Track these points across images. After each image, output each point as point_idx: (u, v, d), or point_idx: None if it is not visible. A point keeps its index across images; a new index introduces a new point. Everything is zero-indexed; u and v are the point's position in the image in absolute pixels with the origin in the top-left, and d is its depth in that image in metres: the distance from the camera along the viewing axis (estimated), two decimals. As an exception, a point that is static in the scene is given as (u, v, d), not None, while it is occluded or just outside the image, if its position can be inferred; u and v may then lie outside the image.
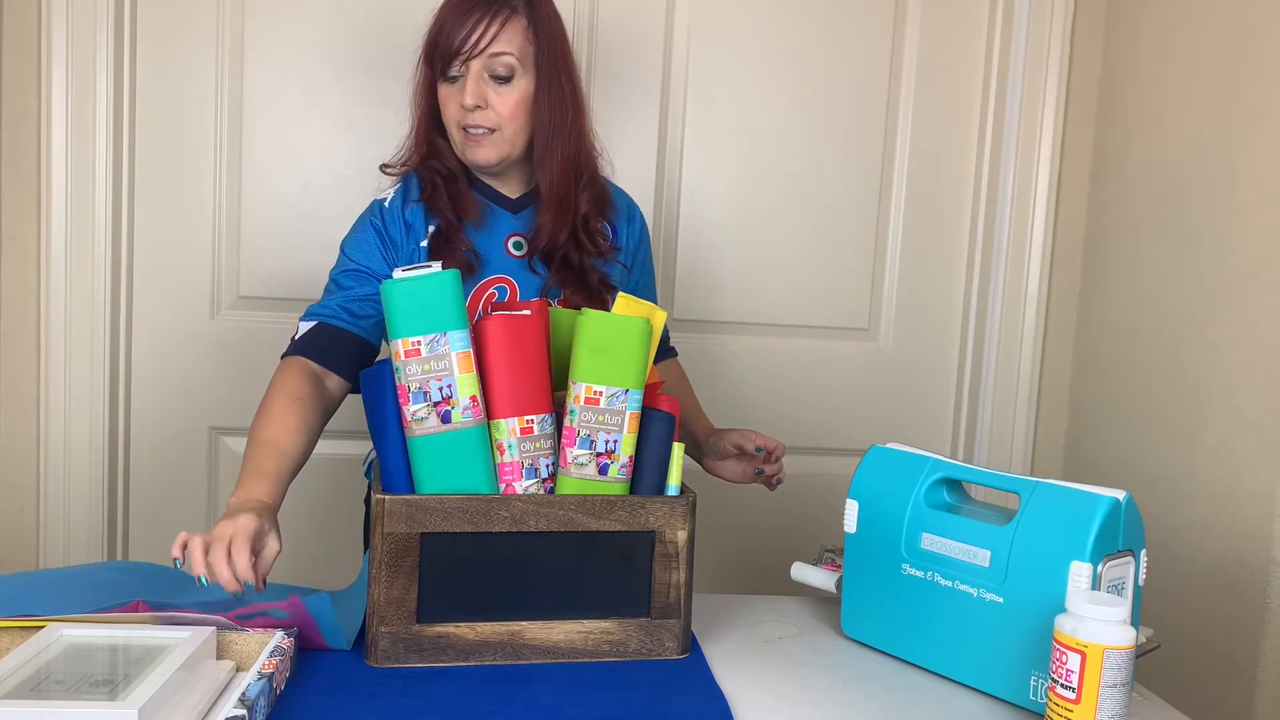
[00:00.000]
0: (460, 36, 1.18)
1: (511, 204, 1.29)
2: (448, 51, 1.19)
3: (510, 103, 1.20)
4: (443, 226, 1.24)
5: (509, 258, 1.27)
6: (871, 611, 1.13)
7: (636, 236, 1.37)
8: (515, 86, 1.20)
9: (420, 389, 0.99)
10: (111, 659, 0.87)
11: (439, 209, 1.25)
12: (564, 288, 1.26)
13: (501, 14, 1.18)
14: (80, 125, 1.65)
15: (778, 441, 1.27)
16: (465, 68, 1.19)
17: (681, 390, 1.43)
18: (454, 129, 1.23)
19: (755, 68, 1.82)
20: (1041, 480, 1.02)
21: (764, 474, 1.28)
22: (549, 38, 1.22)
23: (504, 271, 1.27)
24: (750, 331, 1.88)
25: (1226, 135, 1.50)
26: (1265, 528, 1.38)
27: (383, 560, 0.99)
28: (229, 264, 1.73)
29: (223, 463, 1.77)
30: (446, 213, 1.24)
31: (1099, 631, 0.85)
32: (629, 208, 1.38)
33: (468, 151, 1.23)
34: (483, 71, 1.19)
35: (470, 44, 1.18)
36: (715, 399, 1.72)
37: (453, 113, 1.22)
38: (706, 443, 1.32)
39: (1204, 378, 1.52)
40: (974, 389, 1.94)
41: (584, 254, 1.26)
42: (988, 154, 1.89)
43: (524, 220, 1.29)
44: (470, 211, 1.25)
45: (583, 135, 1.27)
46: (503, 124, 1.21)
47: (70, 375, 1.68)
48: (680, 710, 0.94)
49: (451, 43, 1.18)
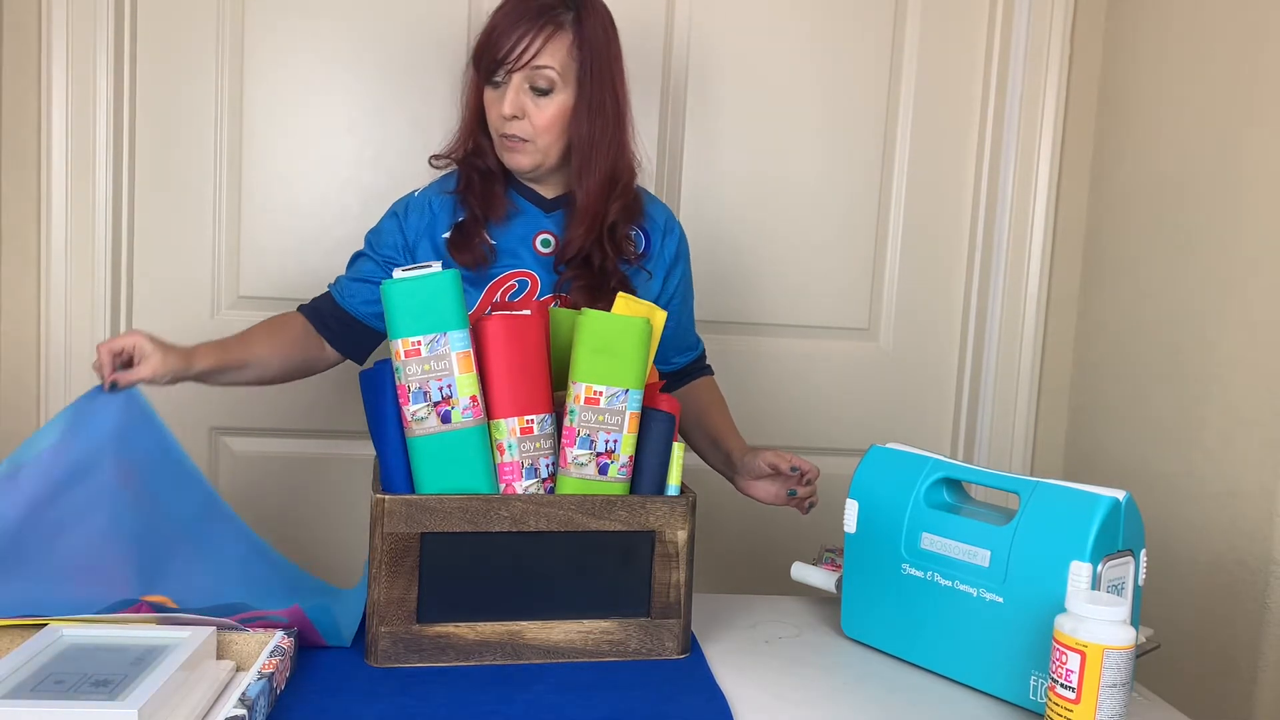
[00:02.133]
0: (505, 47, 1.19)
1: (545, 203, 1.31)
2: (492, 59, 1.21)
3: (546, 116, 1.22)
4: (466, 220, 1.27)
5: (536, 254, 1.29)
6: (871, 611, 1.13)
7: (673, 251, 1.37)
8: (554, 100, 1.22)
9: (420, 389, 0.99)
10: (111, 659, 0.87)
11: (468, 202, 1.28)
12: (576, 281, 1.26)
13: (547, 28, 1.19)
14: (80, 125, 1.65)
15: (812, 464, 1.25)
16: (508, 77, 1.21)
17: (717, 410, 1.42)
18: (494, 133, 1.26)
19: (755, 67, 1.82)
20: (1041, 480, 1.02)
21: (796, 495, 1.26)
22: (595, 53, 1.23)
23: (528, 266, 1.28)
24: (750, 331, 1.88)
25: (1226, 135, 1.50)
26: (1265, 528, 1.38)
27: (383, 560, 0.99)
28: (229, 264, 1.73)
29: (223, 463, 1.77)
30: (474, 207, 1.27)
31: (1099, 631, 0.85)
32: (668, 222, 1.37)
33: (504, 156, 1.26)
34: (523, 82, 1.21)
35: (514, 56, 1.19)
36: (715, 399, 1.72)
37: (493, 118, 1.25)
38: (741, 461, 1.30)
39: (1204, 378, 1.52)
40: (974, 389, 1.94)
41: (606, 258, 1.27)
42: (987, 154, 1.89)
43: (555, 220, 1.30)
44: (496, 211, 1.28)
45: (623, 148, 1.28)
46: (537, 135, 1.23)
47: (70, 375, 1.68)
48: (680, 710, 0.95)
49: (497, 51, 1.20)
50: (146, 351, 1.15)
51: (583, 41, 1.22)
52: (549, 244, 1.29)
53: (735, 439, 1.36)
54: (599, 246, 1.27)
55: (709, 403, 1.42)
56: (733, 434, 1.38)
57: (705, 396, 1.43)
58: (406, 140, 1.74)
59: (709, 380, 1.48)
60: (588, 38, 1.22)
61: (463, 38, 1.73)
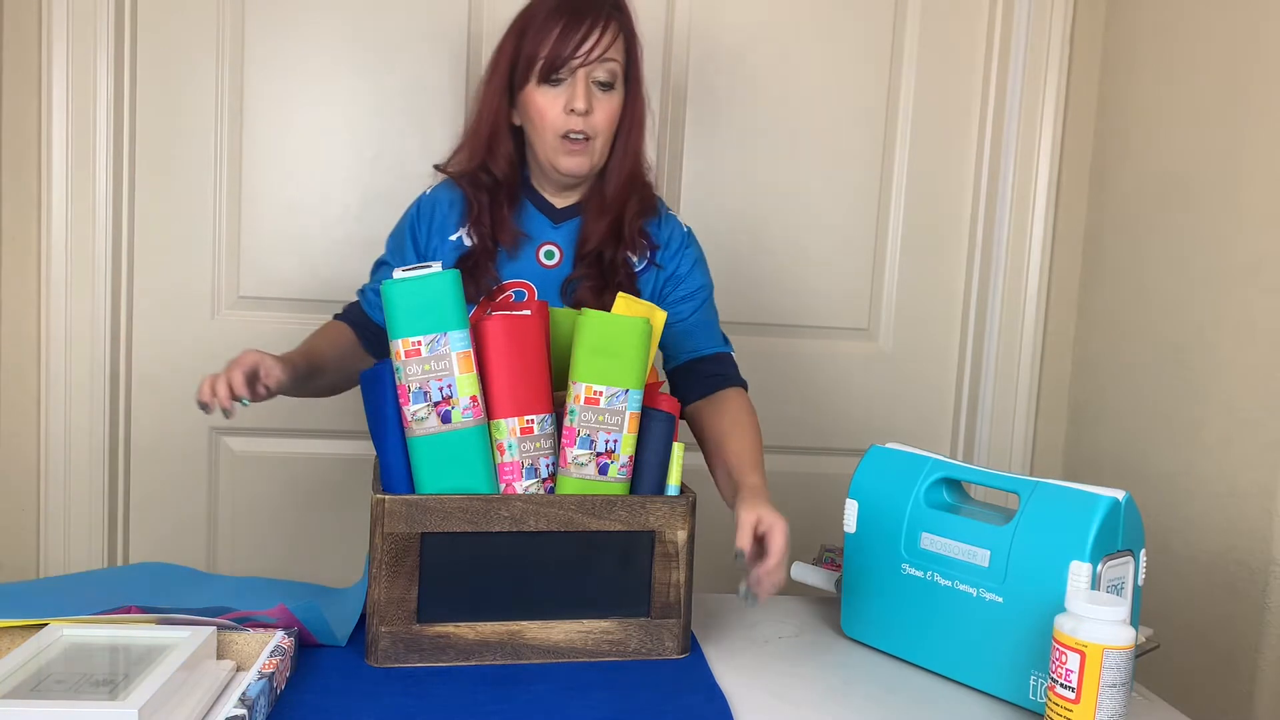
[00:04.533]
0: (574, 41, 1.18)
1: (555, 214, 1.29)
2: (557, 56, 1.18)
3: (609, 111, 1.22)
4: (475, 250, 1.25)
5: (538, 266, 1.28)
6: (871, 611, 1.13)
7: (691, 260, 1.32)
8: (614, 95, 1.23)
9: (420, 389, 0.99)
10: (111, 659, 0.87)
11: (479, 233, 1.26)
12: (585, 281, 1.25)
13: (612, 24, 1.21)
14: (80, 125, 1.65)
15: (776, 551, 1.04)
16: (573, 74, 1.20)
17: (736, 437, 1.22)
18: (549, 135, 1.21)
19: (755, 67, 1.82)
20: (1041, 480, 1.02)
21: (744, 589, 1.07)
22: (635, 49, 1.25)
23: (527, 277, 1.27)
24: (750, 331, 1.87)
25: (1226, 135, 1.50)
26: (1265, 527, 1.38)
27: (383, 560, 0.99)
28: (229, 264, 1.73)
29: (223, 463, 1.77)
30: (485, 238, 1.25)
31: (1098, 631, 0.85)
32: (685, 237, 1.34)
33: (561, 160, 1.22)
34: (588, 77, 1.20)
35: (584, 49, 1.18)
36: (715, 399, 1.72)
37: (553, 118, 1.20)
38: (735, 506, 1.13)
39: (1204, 377, 1.52)
40: (974, 389, 1.94)
41: (619, 250, 1.26)
42: (987, 154, 1.89)
43: (563, 232, 1.29)
44: (508, 240, 1.26)
45: (643, 145, 1.29)
46: (598, 132, 1.22)
47: (70, 375, 1.68)
48: (680, 710, 0.95)
49: (564, 47, 1.18)
50: (269, 363, 1.11)
51: (629, 38, 1.24)
52: (552, 256, 1.28)
53: (748, 473, 1.16)
54: (612, 241, 1.26)
55: (730, 427, 1.23)
56: (746, 468, 1.17)
57: (730, 415, 1.25)
58: (406, 140, 1.74)
59: (739, 395, 1.29)
60: (632, 34, 1.24)
61: (463, 38, 1.73)
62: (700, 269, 1.34)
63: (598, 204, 1.28)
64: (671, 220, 1.34)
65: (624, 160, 1.27)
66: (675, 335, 1.30)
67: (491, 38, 1.74)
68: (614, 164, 1.27)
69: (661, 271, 1.30)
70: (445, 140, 1.74)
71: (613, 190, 1.27)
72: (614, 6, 1.22)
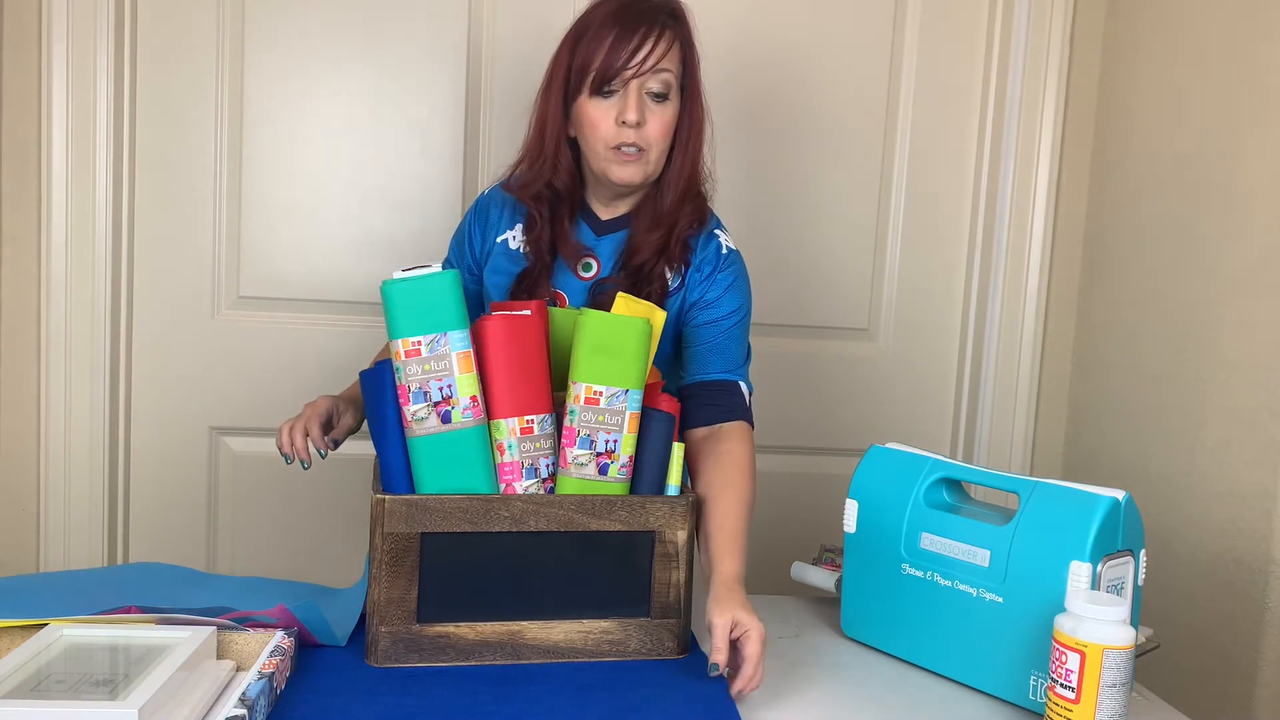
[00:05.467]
0: (627, 51, 1.15)
1: (599, 225, 1.27)
2: (609, 67, 1.16)
3: (663, 122, 1.19)
4: (533, 266, 1.24)
5: (573, 278, 1.25)
6: (871, 611, 1.13)
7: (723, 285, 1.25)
8: (669, 106, 1.19)
9: (420, 389, 0.99)
10: (111, 659, 0.87)
11: (538, 249, 1.24)
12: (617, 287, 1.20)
13: (667, 33, 1.18)
14: (80, 126, 1.65)
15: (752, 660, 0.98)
16: (625, 85, 1.17)
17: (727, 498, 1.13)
18: (601, 147, 1.19)
19: (754, 67, 1.82)
20: (1041, 480, 1.02)
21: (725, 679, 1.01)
22: (692, 58, 1.22)
23: (559, 286, 1.25)
24: (750, 331, 1.87)
25: (1226, 135, 1.50)
26: (1265, 527, 1.38)
27: (383, 560, 0.99)
28: (229, 264, 1.73)
29: (223, 463, 1.77)
30: (544, 253, 1.24)
31: (1098, 631, 0.85)
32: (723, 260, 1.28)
33: (613, 170, 1.19)
34: (641, 88, 1.17)
35: (637, 60, 1.15)
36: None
37: (605, 130, 1.18)
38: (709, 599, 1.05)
39: (1204, 378, 1.52)
40: (974, 389, 1.94)
41: (659, 262, 1.23)
42: (987, 154, 1.89)
43: (606, 245, 1.26)
44: (570, 253, 1.24)
45: (701, 156, 1.26)
46: (652, 144, 1.19)
47: (70, 375, 1.68)
48: (680, 710, 0.95)
49: (616, 59, 1.15)
50: (341, 409, 1.20)
51: (685, 47, 1.21)
52: (590, 268, 1.25)
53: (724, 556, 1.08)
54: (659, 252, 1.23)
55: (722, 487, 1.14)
56: (724, 548, 1.09)
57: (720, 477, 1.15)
58: (406, 140, 1.74)
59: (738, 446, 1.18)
60: (688, 43, 1.21)
61: (463, 38, 1.73)
62: (734, 294, 1.26)
63: (651, 215, 1.24)
64: (714, 241, 1.27)
65: (681, 172, 1.23)
66: (691, 356, 1.26)
67: (491, 40, 1.75)
68: (670, 175, 1.23)
69: (687, 295, 1.25)
70: (445, 141, 1.75)
71: (669, 203, 1.23)
72: (669, 15, 1.19)
